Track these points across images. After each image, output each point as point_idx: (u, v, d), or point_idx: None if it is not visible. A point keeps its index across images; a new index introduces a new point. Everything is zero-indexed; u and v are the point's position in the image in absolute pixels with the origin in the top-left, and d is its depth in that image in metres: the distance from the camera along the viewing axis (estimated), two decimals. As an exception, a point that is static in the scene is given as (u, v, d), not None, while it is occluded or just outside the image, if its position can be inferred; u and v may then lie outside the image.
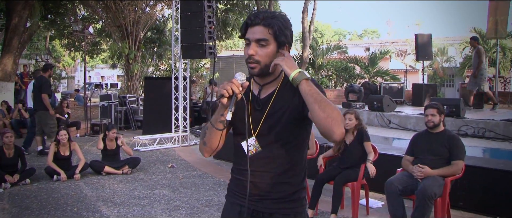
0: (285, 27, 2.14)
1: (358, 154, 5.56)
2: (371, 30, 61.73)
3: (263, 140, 2.20)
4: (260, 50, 2.13)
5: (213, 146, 2.30)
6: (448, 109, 8.60)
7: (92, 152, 10.16)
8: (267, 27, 2.12)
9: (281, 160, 2.20)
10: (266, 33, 2.12)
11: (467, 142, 7.17)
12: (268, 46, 2.13)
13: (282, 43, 2.14)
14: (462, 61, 25.16)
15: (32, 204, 6.17)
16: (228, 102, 2.07)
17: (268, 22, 2.12)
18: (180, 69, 11.74)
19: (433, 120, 5.02)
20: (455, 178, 4.88)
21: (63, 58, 36.92)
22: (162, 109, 12.31)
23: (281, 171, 2.20)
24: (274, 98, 2.19)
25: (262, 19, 2.13)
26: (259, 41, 2.12)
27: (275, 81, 2.23)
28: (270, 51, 2.14)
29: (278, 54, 2.16)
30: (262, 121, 2.20)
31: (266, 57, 2.13)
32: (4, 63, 14.67)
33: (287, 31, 2.15)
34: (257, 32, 2.13)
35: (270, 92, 2.22)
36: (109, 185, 7.34)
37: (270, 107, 2.19)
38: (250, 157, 2.20)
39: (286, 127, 2.15)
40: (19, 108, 12.81)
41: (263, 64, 2.14)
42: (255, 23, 2.14)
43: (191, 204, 6.23)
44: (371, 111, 10.41)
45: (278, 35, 2.12)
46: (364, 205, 5.78)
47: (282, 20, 2.15)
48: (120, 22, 18.76)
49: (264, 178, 2.21)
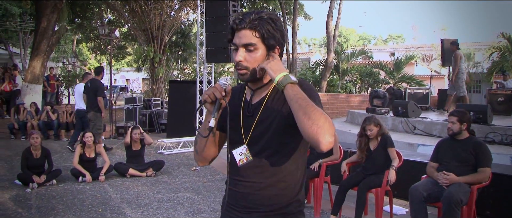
0: (274, 29, 2.00)
1: (382, 160, 5.51)
2: (396, 35, 61.17)
3: (254, 148, 2.05)
4: (248, 56, 1.99)
5: (205, 154, 2.20)
6: (475, 115, 8.46)
7: (116, 154, 10.28)
8: (253, 30, 1.97)
9: (272, 170, 2.03)
10: (253, 37, 1.97)
11: (495, 149, 7.03)
12: (256, 51, 1.99)
13: (271, 46, 2.00)
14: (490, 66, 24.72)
15: (58, 205, 6.27)
16: (213, 108, 1.99)
17: (255, 25, 1.97)
18: (204, 73, 11.81)
19: (452, 128, 4.95)
20: (481, 186, 4.80)
21: (89, 61, 37.51)
22: (187, 113, 12.38)
23: (272, 182, 2.03)
24: (264, 104, 2.04)
25: (248, 22, 1.97)
26: (246, 46, 1.98)
27: (268, 85, 2.08)
28: (259, 55, 1.99)
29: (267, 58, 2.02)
30: (253, 128, 2.06)
31: (255, 63, 1.99)
32: (33, 65, 14.99)
33: (277, 33, 2.00)
34: (243, 36, 1.98)
35: (262, 97, 2.08)
36: (133, 187, 7.41)
37: (260, 113, 2.04)
38: (241, 167, 2.09)
39: (277, 134, 1.99)
40: (47, 110, 13.04)
41: (253, 70, 2.01)
42: (241, 27, 1.99)
43: (214, 207, 6.25)
44: (395, 117, 10.29)
45: (267, 38, 1.98)
46: (388, 211, 5.72)
47: (271, 21, 1.99)
48: (145, 26, 18.95)
49: (254, 189, 2.06)
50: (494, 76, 21.85)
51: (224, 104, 1.99)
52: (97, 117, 10.19)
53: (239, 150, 2.10)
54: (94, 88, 10.19)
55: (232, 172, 2.16)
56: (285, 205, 2.05)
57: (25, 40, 25.12)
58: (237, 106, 2.13)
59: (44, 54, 15.22)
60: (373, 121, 5.64)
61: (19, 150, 7.71)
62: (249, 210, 2.09)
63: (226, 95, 1.99)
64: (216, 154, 2.23)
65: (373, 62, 23.46)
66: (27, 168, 7.36)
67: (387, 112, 11.18)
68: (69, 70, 27.02)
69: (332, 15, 20.19)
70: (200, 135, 2.10)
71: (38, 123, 12.70)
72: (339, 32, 25.85)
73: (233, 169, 2.15)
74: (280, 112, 1.99)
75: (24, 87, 15.11)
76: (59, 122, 12.97)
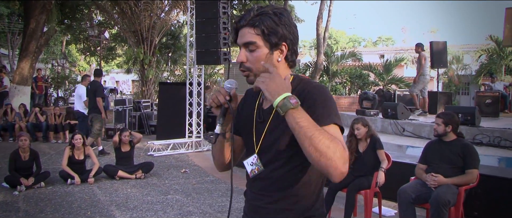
0: (278, 24, 1.80)
1: (372, 162, 5.53)
2: (386, 37, 61.49)
3: (264, 157, 1.88)
4: (250, 56, 1.83)
5: (220, 160, 2.10)
6: (463, 117, 8.52)
7: (106, 156, 10.23)
8: (253, 27, 1.81)
9: (283, 182, 1.84)
10: (253, 35, 1.81)
11: (482, 151, 7.09)
12: (258, 50, 1.82)
13: (274, 44, 1.81)
14: (478, 68, 24.95)
15: (46, 207, 6.22)
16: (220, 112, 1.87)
17: (254, 21, 1.80)
18: (194, 74, 11.79)
19: (437, 129, 5.02)
20: (469, 187, 4.84)
21: (78, 62, 37.36)
22: (176, 115, 12.35)
23: (283, 195, 1.85)
24: (275, 109, 1.75)
25: (248, 19, 1.82)
26: (247, 45, 1.83)
27: None
28: (261, 55, 1.82)
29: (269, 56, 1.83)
30: (263, 136, 1.88)
31: (258, 63, 1.82)
32: (22, 67, 14.90)
33: (281, 27, 1.80)
34: (243, 35, 1.83)
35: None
36: (123, 189, 7.38)
37: (271, 119, 1.86)
38: (252, 178, 1.94)
39: (288, 144, 1.80)
40: (36, 112, 12.96)
41: (256, 71, 1.83)
42: (241, 25, 1.84)
43: (203, 209, 6.24)
44: (385, 119, 10.34)
45: (267, 35, 1.80)
46: (377, 213, 5.74)
47: (273, 15, 1.80)
48: (135, 28, 18.92)
49: (264, 202, 1.91)
50: (482, 78, 22.06)
51: (232, 108, 1.88)
52: (97, 118, 10.40)
53: (249, 160, 1.94)
54: (94, 89, 10.45)
55: (247, 182, 2.03)
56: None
57: (14, 41, 24.99)
58: (250, 110, 1.98)
59: (33, 55, 15.13)
60: (361, 121, 5.69)
61: (7, 152, 7.65)
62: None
63: (231, 100, 1.87)
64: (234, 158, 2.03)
65: (363, 64, 23.58)
66: (15, 170, 7.30)
67: (377, 114, 11.23)
68: (58, 71, 26.89)
69: (322, 17, 20.25)
70: (209, 141, 1.97)
71: (27, 125, 12.60)
72: (329, 34, 25.88)
73: (247, 180, 2.01)
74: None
75: (12, 89, 14.99)
76: (47, 124, 12.89)
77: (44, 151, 10.75)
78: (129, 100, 15.79)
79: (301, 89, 1.83)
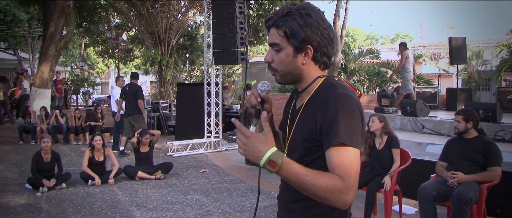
0: (302, 26, 1.74)
1: (389, 160, 5.51)
2: (404, 34, 60.88)
3: (291, 157, 1.73)
4: (276, 56, 1.81)
5: None
6: (484, 113, 8.41)
7: (125, 157, 10.31)
8: (277, 28, 1.78)
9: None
10: (278, 36, 1.78)
11: (504, 147, 6.99)
12: (282, 51, 1.78)
13: (297, 47, 1.76)
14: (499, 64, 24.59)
15: (68, 208, 6.30)
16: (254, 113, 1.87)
17: (279, 22, 1.77)
18: (212, 75, 11.82)
19: (458, 126, 4.93)
20: (491, 184, 4.77)
21: (97, 65, 37.71)
22: (195, 115, 12.41)
23: (299, 197, 1.80)
24: (301, 111, 1.82)
25: (275, 19, 1.79)
26: (272, 46, 1.81)
27: (308, 90, 1.85)
28: (284, 56, 1.79)
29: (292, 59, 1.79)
30: (291, 136, 1.87)
31: (282, 64, 1.80)
32: (42, 70, 15.09)
33: (305, 30, 1.74)
34: (271, 35, 1.81)
35: (302, 103, 1.85)
36: (142, 190, 7.43)
37: (297, 120, 1.84)
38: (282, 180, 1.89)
39: (307, 147, 1.77)
40: (56, 114, 13.12)
41: (282, 72, 1.82)
42: (268, 25, 1.83)
43: (223, 209, 6.25)
44: (404, 116, 10.25)
45: (290, 37, 1.75)
46: (397, 211, 5.71)
47: (299, 16, 1.74)
48: (152, 29, 19.03)
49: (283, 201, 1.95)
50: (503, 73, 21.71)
51: (268, 109, 1.91)
52: (140, 119, 10.69)
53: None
54: (134, 92, 10.70)
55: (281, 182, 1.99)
56: None
57: (33, 45, 25.34)
58: (287, 110, 1.99)
59: (52, 58, 15.32)
60: (378, 116, 5.70)
61: (29, 154, 7.76)
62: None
63: (265, 101, 1.89)
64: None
65: (380, 62, 23.37)
66: (37, 172, 7.40)
67: (395, 111, 11.14)
68: (77, 74, 27.19)
69: (339, 15, 20.16)
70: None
71: (48, 127, 12.77)
72: (346, 32, 25.79)
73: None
74: (309, 122, 1.76)
75: (33, 92, 15.20)
76: (68, 126, 13.04)
77: (65, 152, 10.88)
78: (147, 101, 15.88)
79: (324, 95, 1.76)
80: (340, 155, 1.62)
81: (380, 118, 5.65)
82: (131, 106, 10.71)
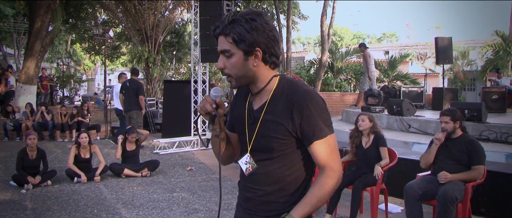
0: (248, 30, 1.88)
1: (375, 158, 5.52)
2: (390, 33, 61.31)
3: (256, 155, 2.01)
4: (227, 62, 1.94)
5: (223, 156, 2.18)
6: (469, 113, 8.48)
7: (111, 155, 10.24)
8: (226, 35, 1.91)
9: (274, 178, 1.99)
10: (227, 43, 1.91)
11: (489, 147, 7.06)
12: (233, 56, 1.92)
13: (246, 51, 1.90)
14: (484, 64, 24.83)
15: (53, 205, 6.25)
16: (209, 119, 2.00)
17: (226, 30, 1.90)
18: (199, 72, 11.81)
19: (446, 128, 4.94)
20: (476, 183, 4.82)
21: (83, 61, 37.47)
22: (181, 113, 12.37)
23: (273, 189, 2.00)
24: (265, 111, 1.96)
25: (221, 28, 1.92)
26: (223, 52, 1.95)
27: (266, 90, 2.00)
28: (236, 60, 1.92)
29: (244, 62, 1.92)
30: (254, 136, 2.00)
31: (235, 69, 1.93)
32: (27, 66, 14.96)
33: (252, 35, 1.88)
34: (219, 43, 1.94)
35: (263, 102, 1.99)
36: (129, 187, 7.40)
37: (261, 120, 1.97)
38: (248, 175, 2.07)
39: (278, 143, 1.94)
40: (42, 111, 13.00)
41: (235, 76, 1.95)
42: (216, 34, 1.96)
43: (209, 207, 6.25)
44: (390, 115, 10.30)
45: (239, 42, 1.89)
46: (383, 209, 5.73)
47: (245, 21, 1.88)
48: (139, 26, 18.94)
49: (256, 195, 2.05)
50: (488, 73, 21.93)
51: (220, 114, 1.99)
52: (138, 115, 10.87)
53: (243, 159, 2.07)
54: (135, 88, 10.88)
55: (241, 176, 2.15)
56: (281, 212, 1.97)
57: (19, 41, 25.09)
58: (242, 110, 2.09)
59: (38, 54, 15.19)
60: (368, 115, 5.71)
61: (14, 151, 7.69)
62: (251, 212, 2.09)
63: (218, 107, 1.98)
64: (234, 153, 2.22)
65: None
66: (23, 169, 7.34)
67: (382, 110, 11.20)
68: (63, 70, 26.97)
69: (326, 14, 20.18)
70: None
71: (33, 124, 12.65)
72: (333, 31, 25.85)
73: (242, 176, 2.14)
74: (280, 120, 1.91)
75: (18, 88, 15.06)
76: (54, 123, 12.93)
77: (50, 150, 10.79)
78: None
79: (289, 92, 1.94)
80: (324, 146, 1.91)
81: (370, 117, 5.67)
82: (130, 102, 10.85)
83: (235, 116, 2.11)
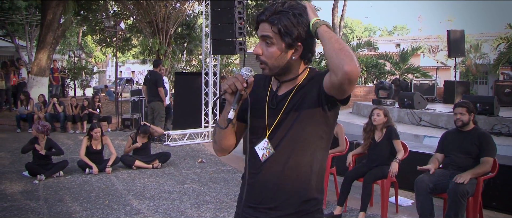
0: (295, 25, 1.87)
1: (387, 151, 5.50)
2: (401, 26, 60.88)
3: (275, 141, 1.96)
4: (266, 50, 1.91)
5: (224, 145, 2.11)
6: (481, 107, 8.43)
7: (123, 146, 10.31)
8: (271, 24, 1.87)
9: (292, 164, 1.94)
10: (271, 31, 1.88)
11: (501, 141, 7.02)
12: (272, 46, 1.89)
13: (288, 44, 1.89)
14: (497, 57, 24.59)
15: (65, 196, 6.31)
16: (233, 99, 1.90)
17: (273, 18, 1.87)
18: (210, 64, 11.82)
19: (462, 119, 4.93)
20: (488, 177, 4.80)
21: (94, 53, 37.62)
22: (192, 105, 12.39)
23: (291, 175, 1.95)
24: (291, 97, 1.95)
25: (268, 15, 1.89)
26: (264, 38, 1.91)
27: (294, 80, 1.99)
28: (275, 51, 1.90)
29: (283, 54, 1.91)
30: (277, 121, 1.96)
31: (272, 58, 1.91)
32: (39, 58, 15.07)
33: (297, 29, 1.87)
34: (263, 29, 1.91)
35: (289, 89, 1.98)
36: (140, 179, 7.45)
37: (286, 106, 1.95)
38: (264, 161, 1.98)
39: (301, 129, 1.93)
40: (54, 102, 13.10)
41: (271, 66, 1.93)
42: (260, 20, 1.92)
43: (220, 199, 6.27)
44: (401, 108, 10.27)
45: (284, 35, 1.87)
46: (394, 203, 5.73)
47: (292, 16, 1.87)
48: (151, 18, 18.93)
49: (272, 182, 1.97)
50: (501, 67, 21.73)
51: (245, 95, 1.90)
52: (159, 106, 10.95)
53: (261, 145, 2.00)
54: (154, 80, 10.96)
55: (250, 165, 2.04)
56: (302, 201, 1.96)
57: (31, 33, 25.20)
58: (262, 96, 2.05)
59: (50, 46, 15.29)
60: (383, 109, 5.67)
61: (26, 142, 7.75)
62: (265, 209, 1.99)
63: (248, 87, 1.90)
64: (235, 144, 2.14)
65: (378, 54, 23.30)
66: (33, 160, 7.44)
67: (393, 103, 11.16)
68: (74, 62, 27.11)
69: (338, 6, 20.11)
70: (218, 126, 1.99)
71: (45, 115, 12.75)
72: (344, 23, 25.73)
73: (252, 163, 2.03)
74: (305, 106, 1.92)
75: (30, 80, 15.18)
76: (65, 115, 13.03)
77: (62, 141, 10.87)
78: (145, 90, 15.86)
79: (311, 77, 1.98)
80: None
81: (385, 112, 5.63)
82: (152, 93, 11.00)
83: (253, 101, 1.99)
